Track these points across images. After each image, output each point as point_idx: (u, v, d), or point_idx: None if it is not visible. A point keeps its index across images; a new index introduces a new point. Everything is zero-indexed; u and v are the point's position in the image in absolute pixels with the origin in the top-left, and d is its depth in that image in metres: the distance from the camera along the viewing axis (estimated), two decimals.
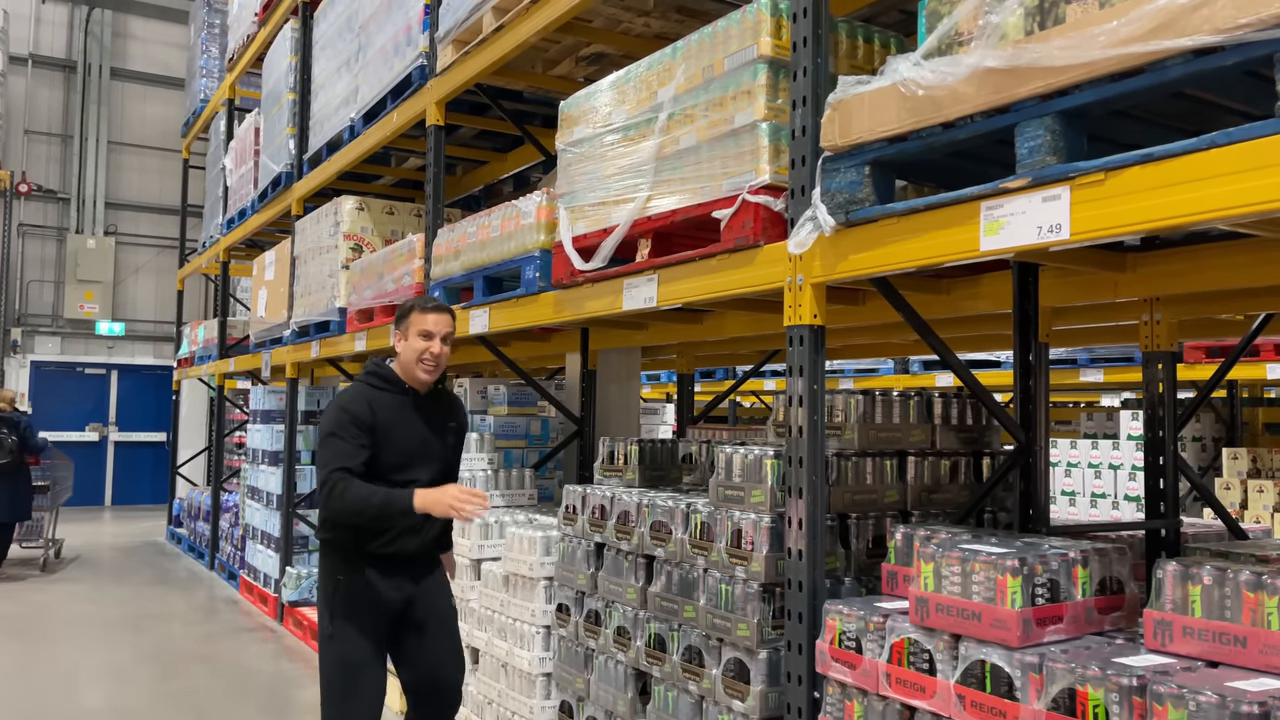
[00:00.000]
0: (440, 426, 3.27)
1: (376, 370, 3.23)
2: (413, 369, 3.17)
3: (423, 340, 3.17)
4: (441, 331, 3.18)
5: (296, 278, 6.82)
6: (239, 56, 9.06)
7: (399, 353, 3.22)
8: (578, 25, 4.16)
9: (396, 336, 3.23)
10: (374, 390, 3.17)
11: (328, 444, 3.03)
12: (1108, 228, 1.85)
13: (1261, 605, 1.82)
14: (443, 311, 3.22)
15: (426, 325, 3.17)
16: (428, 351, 3.16)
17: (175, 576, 9.05)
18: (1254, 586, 1.83)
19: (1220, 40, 1.65)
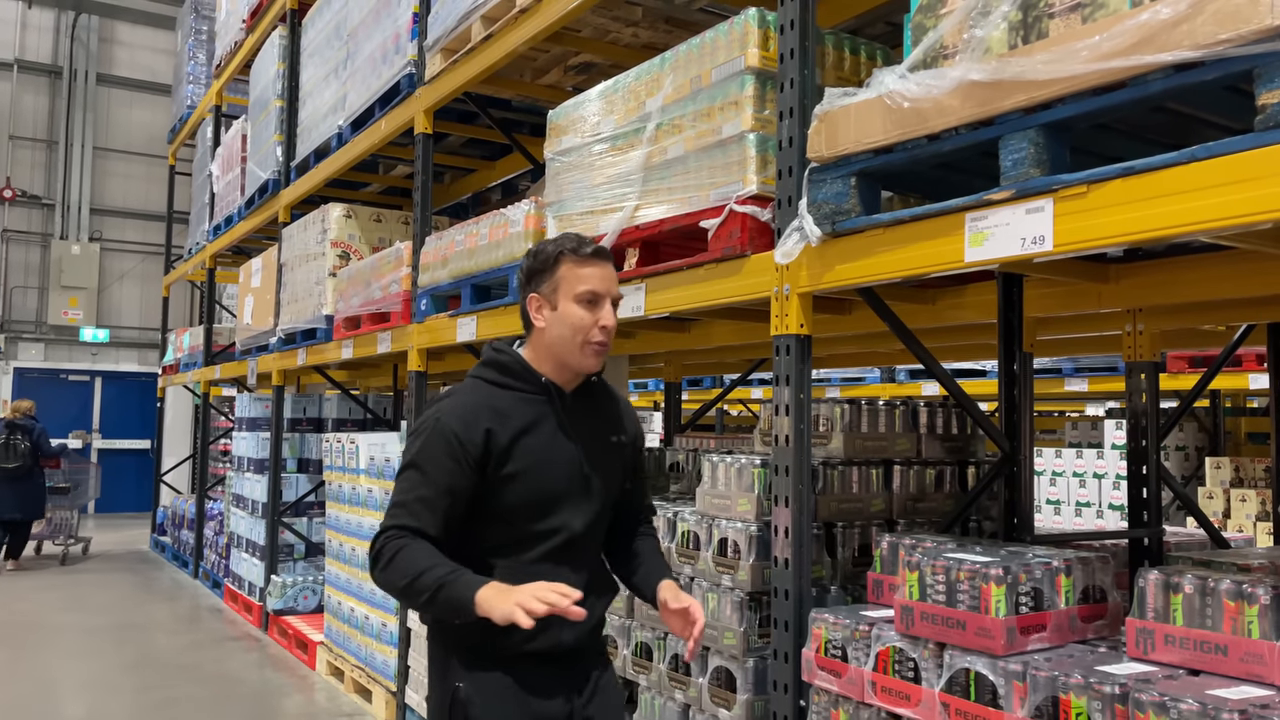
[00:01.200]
0: (601, 443, 2.13)
1: (498, 359, 2.11)
2: (570, 355, 2.05)
3: (586, 308, 2.03)
4: (612, 293, 2.08)
5: (283, 285, 6.80)
6: (226, 63, 9.05)
7: (542, 330, 2.07)
8: (566, 35, 4.17)
9: (534, 305, 2.08)
10: (497, 391, 2.07)
11: (401, 479, 2.02)
12: (1090, 239, 1.87)
13: (1242, 614, 1.84)
14: (606, 260, 2.10)
15: (591, 284, 2.04)
16: (598, 326, 2.04)
17: (159, 585, 8.99)
18: (1234, 595, 1.85)
19: (1201, 55, 1.67)
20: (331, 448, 5.78)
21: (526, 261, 2.12)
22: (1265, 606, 1.81)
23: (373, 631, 5.07)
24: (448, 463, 1.99)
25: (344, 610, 5.48)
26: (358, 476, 5.36)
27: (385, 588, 1.97)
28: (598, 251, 2.09)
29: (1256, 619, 1.82)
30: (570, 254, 2.06)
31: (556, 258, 2.07)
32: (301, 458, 7.32)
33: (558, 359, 2.08)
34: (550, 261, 2.07)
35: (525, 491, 2.02)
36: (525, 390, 2.08)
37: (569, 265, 2.06)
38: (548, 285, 2.07)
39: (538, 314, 2.09)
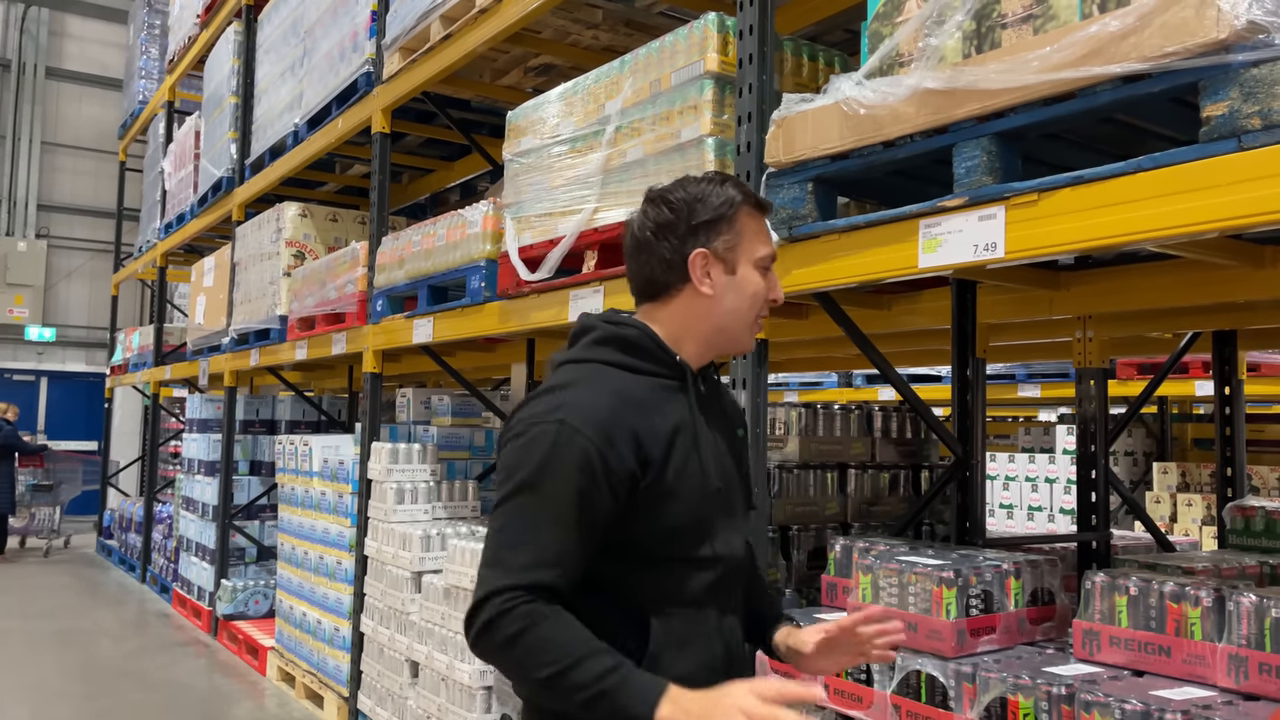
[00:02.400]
0: (729, 439, 1.71)
1: (622, 334, 1.60)
2: (739, 333, 1.64)
3: (762, 274, 1.63)
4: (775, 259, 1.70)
5: (236, 284, 6.70)
6: (180, 58, 8.90)
7: (707, 298, 1.60)
8: (526, 36, 4.16)
9: (700, 264, 1.59)
10: (629, 378, 1.56)
11: (511, 509, 1.46)
12: (1041, 247, 1.90)
13: (1185, 616, 1.88)
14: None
15: (769, 245, 1.65)
16: (769, 297, 1.65)
17: (105, 589, 8.80)
18: (1177, 598, 1.89)
19: (1148, 68, 1.71)
20: (285, 450, 5.71)
21: (682, 206, 1.59)
22: (1207, 609, 1.84)
23: (325, 636, 5.00)
24: (582, 483, 1.42)
25: (296, 615, 5.41)
26: (311, 479, 5.29)
27: (508, 671, 1.43)
28: (769, 205, 1.69)
29: (1199, 621, 1.85)
30: (750, 203, 1.61)
31: (735, 204, 1.60)
32: (254, 460, 7.21)
33: (710, 338, 1.62)
34: (729, 208, 1.59)
35: (685, 512, 1.50)
36: (661, 375, 1.58)
37: (750, 217, 1.61)
38: (725, 240, 1.58)
39: (704, 277, 1.58)
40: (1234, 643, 1.83)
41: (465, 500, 4.57)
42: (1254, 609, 1.76)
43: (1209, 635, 1.84)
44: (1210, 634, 1.84)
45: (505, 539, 1.44)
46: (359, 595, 4.62)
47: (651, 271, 1.62)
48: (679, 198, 1.62)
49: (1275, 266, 2.43)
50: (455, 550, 3.79)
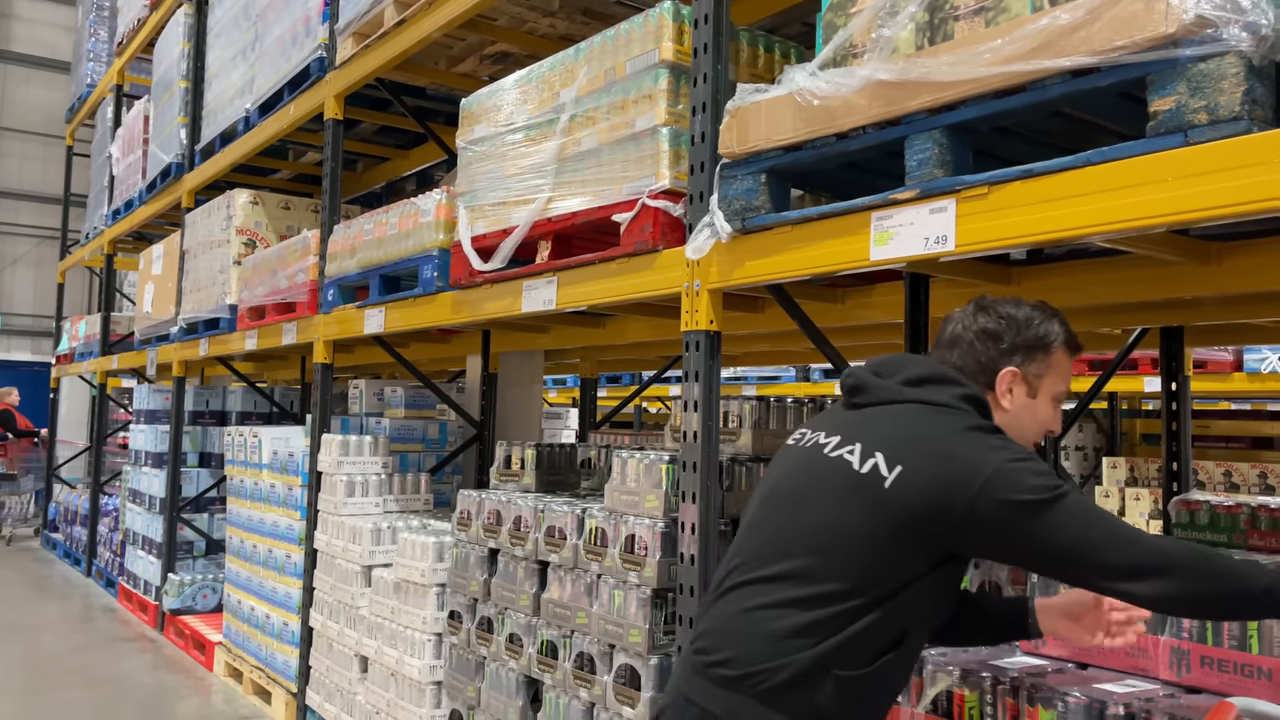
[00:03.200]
0: None
1: (990, 424, 1.72)
2: (1023, 443, 1.78)
3: (1054, 409, 1.82)
4: None
5: (186, 273, 6.56)
6: (129, 41, 8.69)
7: (1004, 411, 1.78)
8: (482, 23, 4.10)
9: (1008, 381, 1.78)
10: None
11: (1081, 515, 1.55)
12: (991, 240, 1.90)
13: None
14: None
15: (1069, 384, 1.84)
16: (1050, 429, 1.83)
17: (49, 583, 8.59)
18: None
19: (1096, 61, 1.71)
20: (234, 442, 5.60)
21: (1010, 323, 1.78)
22: None
23: (274, 631, 4.92)
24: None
25: (244, 609, 5.31)
26: (260, 471, 5.19)
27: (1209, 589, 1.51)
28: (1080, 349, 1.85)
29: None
30: (1070, 342, 1.80)
31: (1057, 338, 1.78)
32: (204, 452, 7.07)
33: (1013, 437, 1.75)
34: (1052, 342, 1.78)
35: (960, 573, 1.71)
36: None
37: (1063, 354, 1.79)
38: (1037, 366, 1.77)
39: (1007, 393, 1.77)
40: (1176, 636, 1.85)
41: (418, 493, 4.51)
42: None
43: (1152, 629, 1.85)
44: (1153, 627, 1.85)
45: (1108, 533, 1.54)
46: (308, 589, 4.54)
47: (971, 365, 1.80)
48: (1009, 314, 1.80)
49: (1221, 263, 2.46)
50: (406, 544, 3.74)
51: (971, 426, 1.65)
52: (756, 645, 1.62)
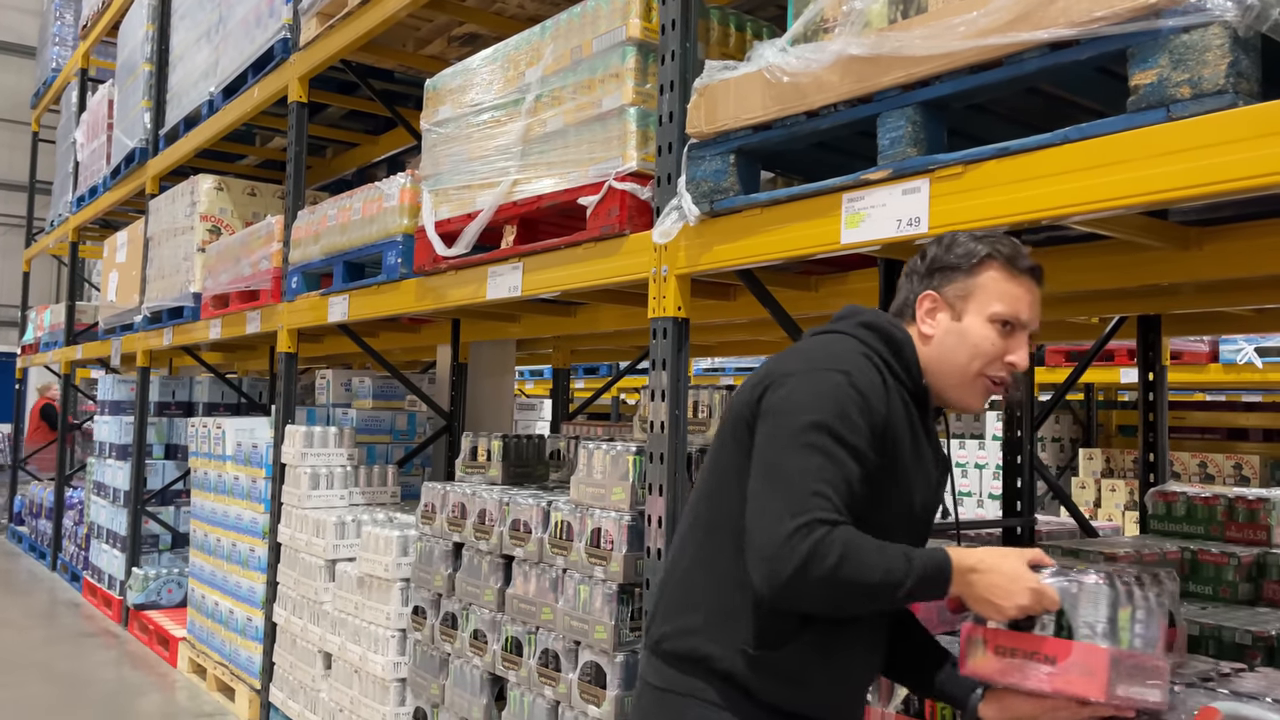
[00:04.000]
0: (934, 483, 1.71)
1: (893, 335, 1.64)
2: (952, 383, 1.64)
3: (999, 333, 1.61)
4: (1033, 326, 1.66)
5: (150, 260, 6.41)
6: (93, 24, 8.50)
7: (927, 338, 1.64)
8: (450, 2, 3.99)
9: (927, 305, 1.65)
10: (883, 369, 1.60)
11: (801, 444, 1.48)
12: (966, 222, 1.82)
13: None
14: (1039, 283, 1.66)
15: (1017, 306, 1.61)
16: (1004, 361, 1.62)
17: (14, 578, 8.43)
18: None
19: (1076, 34, 1.63)
20: (198, 433, 5.47)
21: (936, 249, 1.67)
22: None
23: (237, 627, 4.81)
24: (858, 424, 1.50)
25: (208, 604, 5.20)
26: (224, 463, 5.07)
27: (842, 590, 1.43)
28: (1035, 270, 1.64)
29: None
30: (1003, 259, 1.62)
31: (984, 259, 1.62)
32: (169, 443, 6.93)
33: (935, 379, 1.64)
34: (973, 260, 1.62)
35: (878, 509, 1.54)
36: (905, 387, 1.62)
37: (997, 273, 1.62)
38: (957, 287, 1.63)
39: (928, 317, 1.65)
40: None
41: (385, 485, 4.41)
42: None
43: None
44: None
45: (799, 475, 1.47)
46: (272, 584, 4.44)
47: (898, 305, 1.71)
48: (934, 247, 1.69)
49: (1201, 248, 2.40)
50: (369, 537, 3.64)
51: (835, 346, 1.60)
52: (666, 605, 1.66)
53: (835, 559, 1.41)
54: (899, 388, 1.61)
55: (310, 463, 4.23)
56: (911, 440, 1.60)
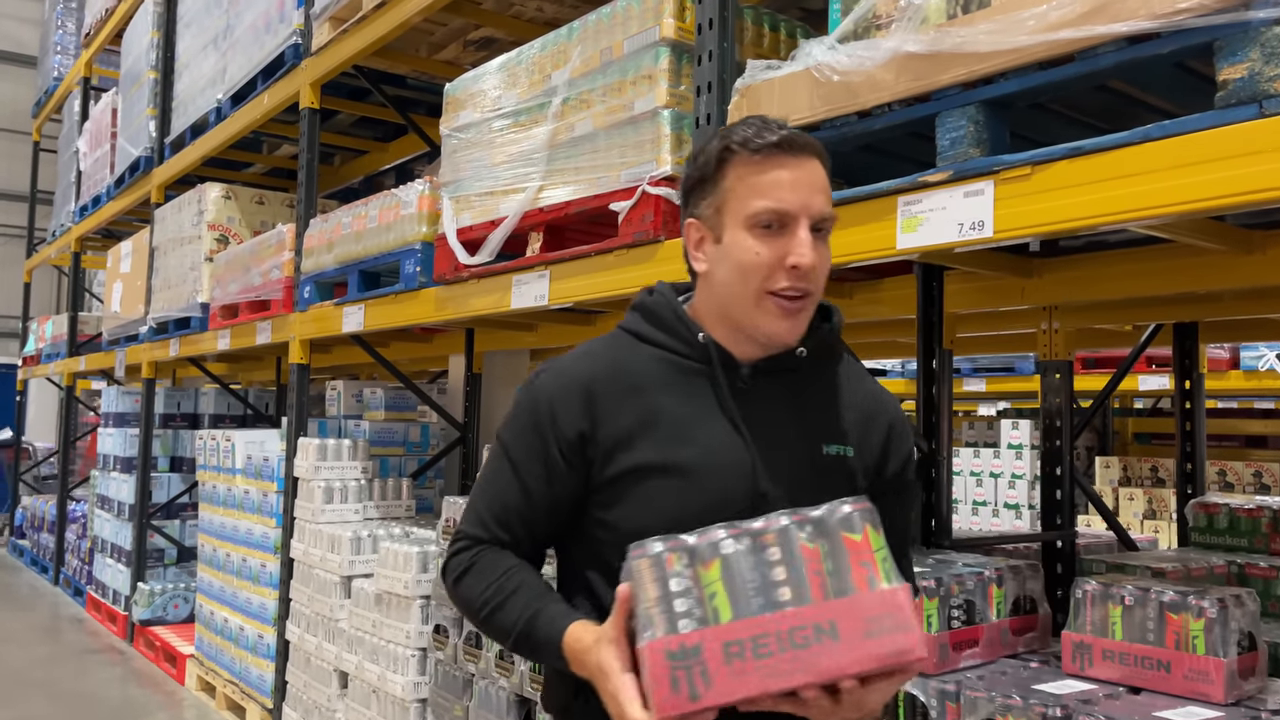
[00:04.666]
0: (797, 450, 1.37)
1: (645, 302, 1.44)
2: (743, 312, 1.34)
3: (761, 238, 1.31)
4: (812, 209, 1.32)
5: (155, 270, 6.32)
6: (96, 32, 8.42)
7: (705, 275, 1.39)
8: (466, 5, 3.91)
9: (692, 236, 1.40)
10: (640, 347, 1.40)
11: (486, 463, 1.46)
12: (1034, 225, 1.73)
13: (1185, 628, 1.73)
14: (800, 154, 1.33)
15: (770, 195, 1.30)
16: (783, 267, 1.31)
17: (16, 593, 8.31)
18: (1178, 608, 1.74)
19: (1157, 26, 1.55)
20: (206, 446, 5.37)
21: (686, 168, 1.44)
22: (1211, 620, 1.70)
23: (248, 644, 4.70)
24: (534, 445, 1.35)
25: (217, 620, 5.09)
26: (234, 477, 4.97)
27: (466, 613, 1.39)
28: (787, 142, 1.31)
29: (1201, 633, 1.71)
30: (741, 148, 1.31)
31: (721, 156, 1.33)
32: (175, 456, 6.83)
33: (730, 318, 1.36)
34: (712, 164, 1.34)
35: (647, 512, 1.29)
36: (676, 352, 1.38)
37: (741, 167, 1.31)
38: (709, 202, 1.35)
39: (697, 250, 1.39)
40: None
41: (399, 499, 4.32)
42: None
43: (1213, 649, 1.70)
44: (1214, 648, 1.69)
45: (473, 492, 1.45)
46: (284, 600, 4.33)
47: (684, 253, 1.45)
48: (685, 168, 1.45)
49: (1265, 252, 2.31)
50: (387, 553, 3.54)
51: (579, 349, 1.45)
52: None
53: (453, 579, 1.39)
54: (671, 359, 1.37)
55: (324, 476, 4.13)
56: (692, 413, 1.33)
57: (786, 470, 1.34)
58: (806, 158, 1.33)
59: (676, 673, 1.05)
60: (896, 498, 1.44)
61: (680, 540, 1.14)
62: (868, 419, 1.44)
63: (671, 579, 1.10)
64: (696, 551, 1.12)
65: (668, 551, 1.12)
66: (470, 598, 1.35)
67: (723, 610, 1.08)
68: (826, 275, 1.38)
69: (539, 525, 1.38)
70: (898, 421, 1.48)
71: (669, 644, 1.07)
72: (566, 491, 1.36)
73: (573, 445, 1.34)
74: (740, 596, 1.09)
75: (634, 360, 1.39)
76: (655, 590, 1.10)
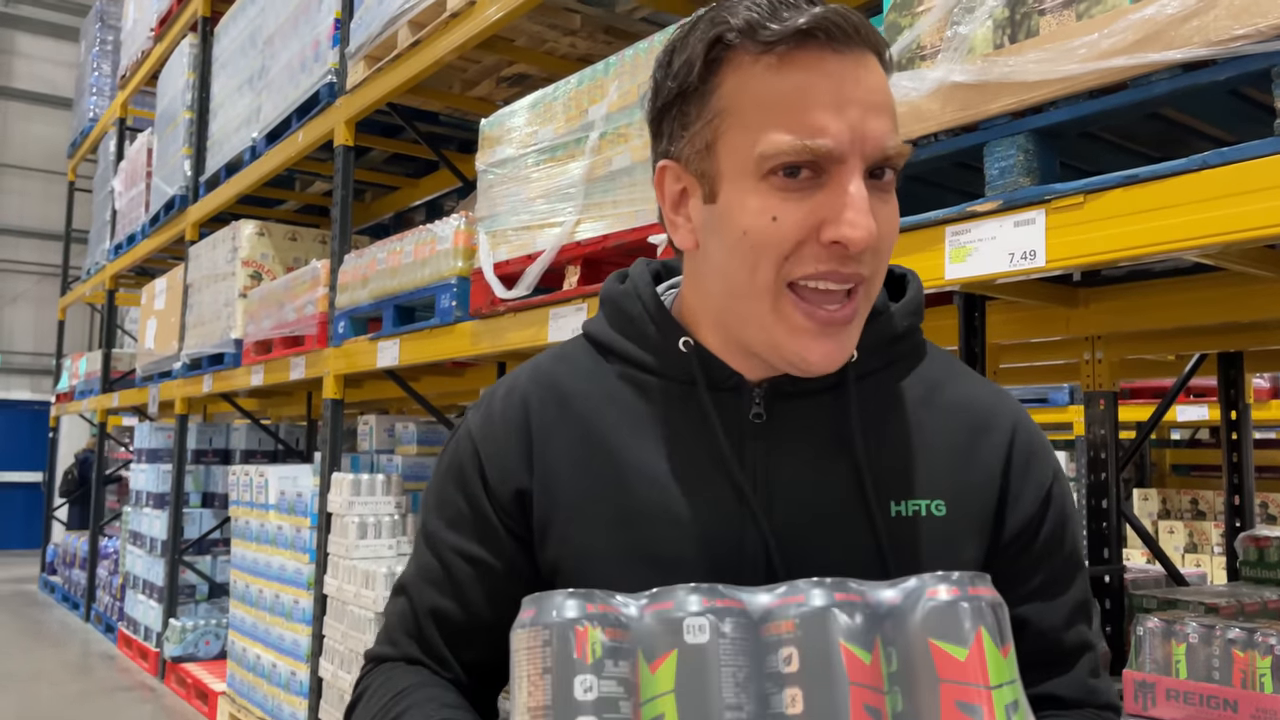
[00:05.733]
0: (839, 508, 0.88)
1: (612, 293, 0.99)
2: (753, 318, 0.86)
3: (784, 191, 0.82)
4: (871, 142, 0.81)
5: (189, 307, 6.38)
6: (132, 74, 8.59)
7: (691, 254, 0.93)
8: (499, 43, 3.95)
9: (669, 192, 0.93)
10: (586, 364, 0.98)
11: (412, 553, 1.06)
12: (1087, 255, 1.71)
13: (1253, 665, 1.68)
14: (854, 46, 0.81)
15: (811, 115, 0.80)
16: (822, 243, 0.81)
17: (46, 629, 8.34)
18: (1245, 645, 1.69)
19: (1213, 53, 1.53)
20: (239, 481, 5.39)
21: (654, 74, 0.96)
22: (1279, 658, 1.65)
23: (280, 681, 4.68)
24: (460, 514, 0.97)
25: (249, 657, 5.07)
26: (267, 512, 4.98)
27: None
28: (821, 25, 0.81)
29: (1269, 671, 1.66)
30: (746, 38, 0.84)
31: (711, 54, 0.86)
32: (206, 491, 6.87)
33: (726, 325, 0.91)
34: (696, 67, 0.87)
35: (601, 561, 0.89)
36: (649, 369, 0.94)
37: (746, 72, 0.84)
38: (695, 133, 0.89)
39: (675, 215, 0.93)
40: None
41: None
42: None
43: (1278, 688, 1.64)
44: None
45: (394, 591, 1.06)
46: (317, 637, 4.31)
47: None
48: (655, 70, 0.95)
49: None
50: None
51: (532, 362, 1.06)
52: None
53: (350, 703, 1.04)
54: (644, 381, 0.93)
55: (357, 511, 4.13)
56: (684, 474, 0.88)
57: (828, 557, 0.86)
58: (859, 51, 0.83)
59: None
60: (1036, 568, 0.91)
61: (612, 605, 0.65)
62: (969, 444, 0.91)
63: (580, 678, 0.62)
64: (639, 631, 0.64)
65: (584, 621, 0.63)
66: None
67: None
68: (891, 251, 0.91)
69: (477, 628, 0.95)
70: (1025, 438, 0.93)
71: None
72: (516, 570, 0.94)
73: (510, 508, 0.94)
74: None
75: (592, 384, 0.94)
76: (544, 695, 0.63)
